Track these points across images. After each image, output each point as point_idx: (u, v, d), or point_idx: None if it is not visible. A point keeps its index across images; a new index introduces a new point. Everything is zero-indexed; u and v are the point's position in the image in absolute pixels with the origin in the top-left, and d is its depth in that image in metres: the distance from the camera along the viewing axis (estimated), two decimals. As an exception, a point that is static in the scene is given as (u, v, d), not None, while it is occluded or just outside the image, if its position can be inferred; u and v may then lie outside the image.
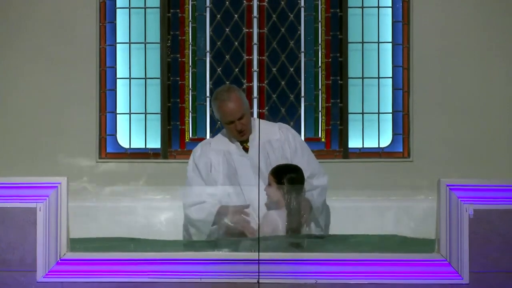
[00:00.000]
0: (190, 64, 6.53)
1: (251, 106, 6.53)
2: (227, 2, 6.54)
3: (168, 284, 4.00)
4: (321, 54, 6.52)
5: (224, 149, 4.91)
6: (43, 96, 6.38)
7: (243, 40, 6.54)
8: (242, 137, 4.91)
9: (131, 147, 6.53)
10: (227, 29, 6.54)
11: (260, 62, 6.51)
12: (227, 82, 6.50)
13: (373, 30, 6.52)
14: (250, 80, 6.53)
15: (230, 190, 4.82)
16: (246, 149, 4.93)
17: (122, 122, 6.53)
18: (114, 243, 4.46)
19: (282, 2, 6.53)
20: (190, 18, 6.53)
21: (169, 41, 6.52)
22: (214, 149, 4.93)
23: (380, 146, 6.49)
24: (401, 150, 6.48)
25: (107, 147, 6.51)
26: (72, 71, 6.38)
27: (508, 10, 6.34)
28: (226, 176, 4.85)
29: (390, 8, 6.51)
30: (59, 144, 6.33)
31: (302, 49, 6.53)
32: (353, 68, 6.50)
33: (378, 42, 6.51)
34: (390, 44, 6.50)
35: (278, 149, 4.93)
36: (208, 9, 6.55)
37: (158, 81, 6.51)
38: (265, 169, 4.83)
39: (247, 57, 6.54)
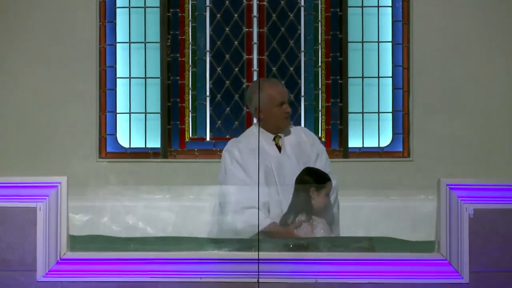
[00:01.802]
0: (190, 63, 6.53)
1: (251, 106, 6.54)
2: (227, 2, 6.54)
3: (168, 283, 4.00)
4: (321, 54, 6.52)
5: (257, 147, 4.85)
6: (43, 96, 6.38)
7: (243, 39, 6.55)
8: (287, 123, 4.84)
9: (131, 146, 6.53)
10: (227, 29, 6.54)
11: (260, 62, 6.51)
12: (227, 82, 6.50)
13: (373, 29, 6.52)
14: (250, 79, 6.53)
15: (270, 190, 4.78)
16: (278, 148, 4.90)
17: (122, 121, 6.54)
18: (114, 242, 4.46)
19: (282, 2, 6.53)
20: (190, 18, 6.54)
21: (169, 41, 6.52)
22: (249, 148, 4.86)
23: (380, 145, 6.49)
24: (401, 149, 6.48)
25: (107, 146, 6.51)
26: (72, 71, 6.38)
27: (508, 10, 6.34)
28: (264, 176, 4.81)
29: (390, 8, 6.51)
30: (59, 144, 6.34)
31: (302, 48, 6.53)
32: (353, 68, 6.50)
33: (378, 42, 6.51)
34: (390, 43, 6.50)
35: (306, 150, 4.91)
36: (208, 9, 6.55)
37: (158, 80, 6.51)
38: (298, 169, 4.80)
39: (247, 56, 6.54)
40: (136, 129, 6.54)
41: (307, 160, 4.85)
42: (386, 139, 6.50)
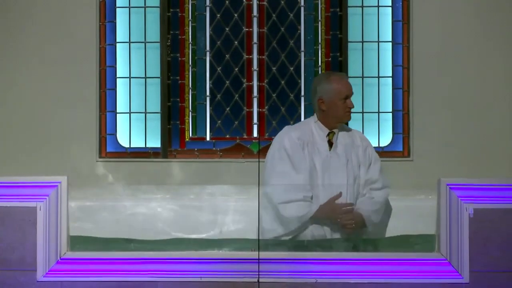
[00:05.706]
0: (190, 63, 6.53)
1: (251, 106, 6.54)
2: (227, 2, 6.54)
3: (168, 283, 4.00)
4: (321, 54, 6.52)
5: (310, 140, 4.82)
6: (43, 96, 6.38)
7: (243, 39, 6.55)
8: (348, 117, 4.85)
9: (131, 146, 6.53)
10: (227, 29, 6.54)
11: (260, 62, 6.51)
12: (227, 82, 6.50)
13: (373, 29, 6.52)
14: (250, 79, 6.54)
15: (319, 182, 4.75)
16: (330, 144, 4.86)
17: (122, 121, 6.54)
18: (114, 242, 4.46)
19: (282, 1, 6.53)
20: (190, 18, 6.54)
21: (169, 41, 6.52)
22: (301, 139, 4.82)
23: (380, 145, 6.49)
24: (401, 149, 6.48)
25: (107, 146, 6.51)
26: (72, 70, 6.38)
27: (508, 10, 6.34)
28: (309, 171, 4.77)
29: (390, 7, 6.51)
30: (59, 144, 6.33)
31: (302, 48, 6.53)
32: (353, 68, 6.50)
33: (378, 42, 6.51)
34: (390, 43, 6.50)
35: (357, 154, 4.88)
36: (208, 8, 6.56)
37: (158, 80, 6.51)
38: (345, 170, 4.76)
39: (247, 56, 6.54)
40: (136, 129, 6.54)
41: (356, 164, 4.83)
42: (386, 139, 6.50)
